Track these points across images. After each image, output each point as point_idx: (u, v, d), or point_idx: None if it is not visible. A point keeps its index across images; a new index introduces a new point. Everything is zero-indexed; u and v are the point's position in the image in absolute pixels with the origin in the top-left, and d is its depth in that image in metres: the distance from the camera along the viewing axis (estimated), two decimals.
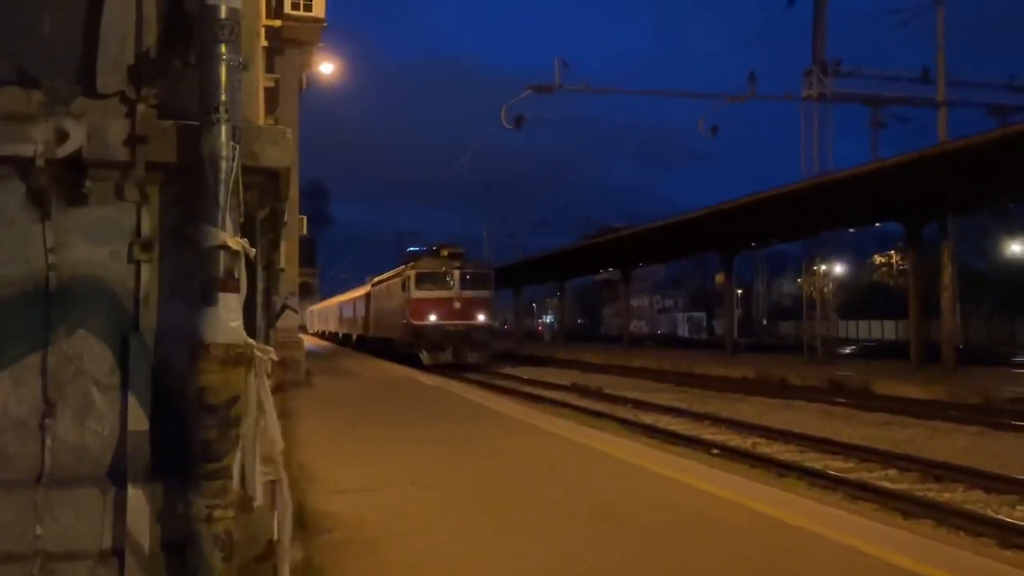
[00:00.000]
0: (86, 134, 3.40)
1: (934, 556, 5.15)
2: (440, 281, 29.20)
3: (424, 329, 28.63)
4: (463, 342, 28.67)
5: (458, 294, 29.05)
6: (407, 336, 29.64)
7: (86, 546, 3.40)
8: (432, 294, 29.01)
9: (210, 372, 3.20)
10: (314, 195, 61.37)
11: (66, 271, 3.52)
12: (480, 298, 29.60)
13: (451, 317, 28.82)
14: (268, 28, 13.46)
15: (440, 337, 28.47)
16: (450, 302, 28.97)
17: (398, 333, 31.16)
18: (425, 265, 29.89)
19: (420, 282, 29.32)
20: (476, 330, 29.15)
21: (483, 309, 29.57)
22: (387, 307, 34.39)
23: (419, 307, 28.97)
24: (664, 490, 7.09)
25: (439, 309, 28.81)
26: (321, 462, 8.30)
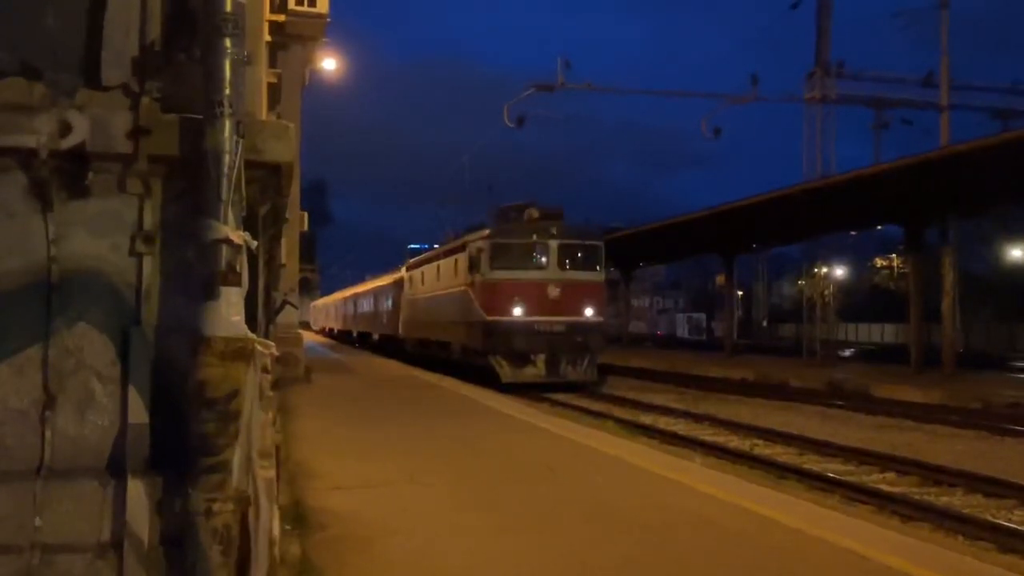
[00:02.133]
0: (89, 126, 3.40)
1: (932, 560, 5.14)
2: (528, 256, 20.00)
3: (503, 328, 19.25)
4: (563, 349, 19.37)
5: (557, 276, 19.65)
6: (474, 339, 20.32)
7: (85, 538, 3.40)
8: (516, 276, 19.67)
9: (210, 366, 3.20)
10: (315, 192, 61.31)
11: (67, 263, 3.51)
12: (588, 283, 20.16)
13: (546, 311, 19.35)
14: (272, 23, 13.46)
15: (529, 341, 19.18)
16: (543, 288, 19.52)
17: (457, 335, 21.98)
18: (506, 232, 20.36)
19: (498, 257, 19.80)
20: (582, 331, 19.62)
21: (592, 299, 20.07)
22: (434, 297, 25.14)
23: (495, 295, 19.61)
24: (663, 490, 7.08)
25: (527, 299, 19.47)
26: (319, 459, 8.30)
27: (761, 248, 38.20)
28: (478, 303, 20.22)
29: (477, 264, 20.35)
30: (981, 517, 7.61)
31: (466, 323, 21.01)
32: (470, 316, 20.69)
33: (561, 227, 20.37)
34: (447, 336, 23.39)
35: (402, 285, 30.97)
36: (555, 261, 19.81)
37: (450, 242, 25.94)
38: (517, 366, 19.23)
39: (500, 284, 19.80)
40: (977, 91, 29.05)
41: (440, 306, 24.21)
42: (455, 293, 22.25)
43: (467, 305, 21.01)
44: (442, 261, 24.79)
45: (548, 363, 19.27)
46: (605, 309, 21.47)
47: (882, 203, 22.82)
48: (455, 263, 22.56)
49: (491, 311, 19.59)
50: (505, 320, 19.38)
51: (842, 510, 6.92)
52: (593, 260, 20.56)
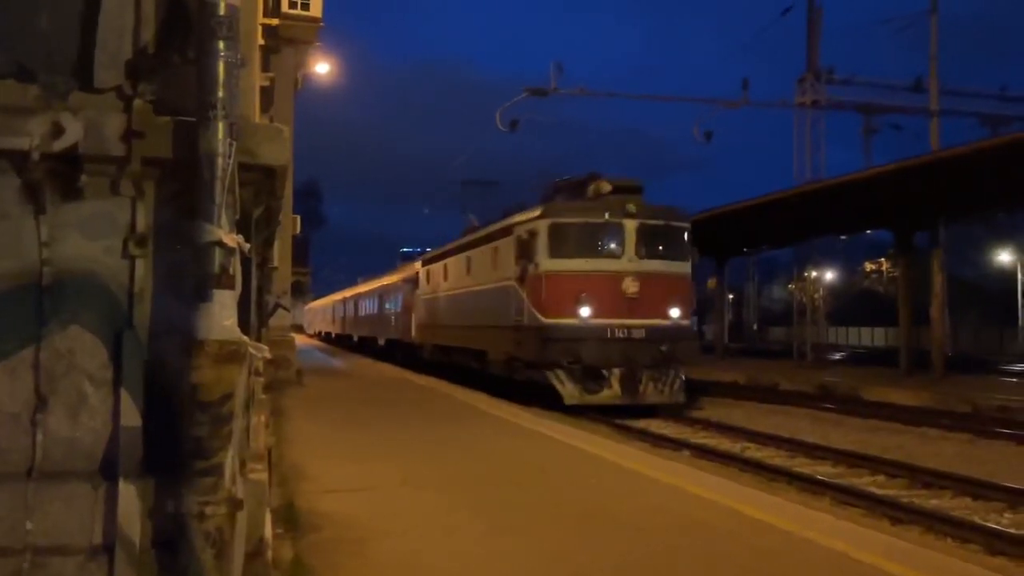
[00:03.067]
0: (82, 129, 3.39)
1: (922, 562, 5.18)
2: (598, 241, 15.53)
3: (566, 335, 14.86)
4: (645, 362, 14.90)
5: (635, 267, 15.20)
6: (524, 347, 15.89)
7: (76, 541, 3.39)
8: (582, 266, 15.23)
9: (203, 369, 3.20)
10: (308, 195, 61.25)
11: (60, 266, 3.51)
12: (673, 276, 15.73)
13: (621, 312, 14.97)
14: (265, 26, 13.45)
15: (601, 351, 14.73)
16: (618, 283, 15.01)
17: (497, 342, 17.50)
18: (569, 210, 15.84)
19: (558, 242, 15.42)
20: (668, 337, 15.19)
21: (678, 297, 15.69)
22: (462, 295, 20.57)
23: (555, 292, 15.20)
24: (654, 493, 7.11)
25: (598, 296, 15.03)
26: (312, 461, 8.29)
27: (752, 252, 38.37)
28: (531, 302, 15.52)
29: (530, 252, 15.68)
30: (970, 520, 7.66)
31: (512, 328, 16.27)
32: (518, 319, 16.09)
33: (641, 204, 15.54)
34: (481, 343, 18.81)
35: (416, 283, 26.61)
36: (633, 247, 15.24)
37: (471, 232, 21.91)
38: (585, 384, 14.64)
39: (561, 278, 15.12)
40: (966, 97, 29.31)
41: (471, 306, 19.71)
42: (495, 290, 17.72)
43: (513, 305, 16.34)
44: (474, 252, 19.86)
45: (625, 380, 14.68)
46: (692, 309, 16.83)
47: (872, 207, 22.96)
48: (494, 253, 17.98)
49: (549, 312, 15.05)
50: (568, 324, 14.77)
51: (833, 512, 6.97)
52: (679, 247, 16.05)
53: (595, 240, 15.59)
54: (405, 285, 28.80)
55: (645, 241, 15.49)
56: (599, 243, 15.61)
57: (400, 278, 30.45)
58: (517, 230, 16.66)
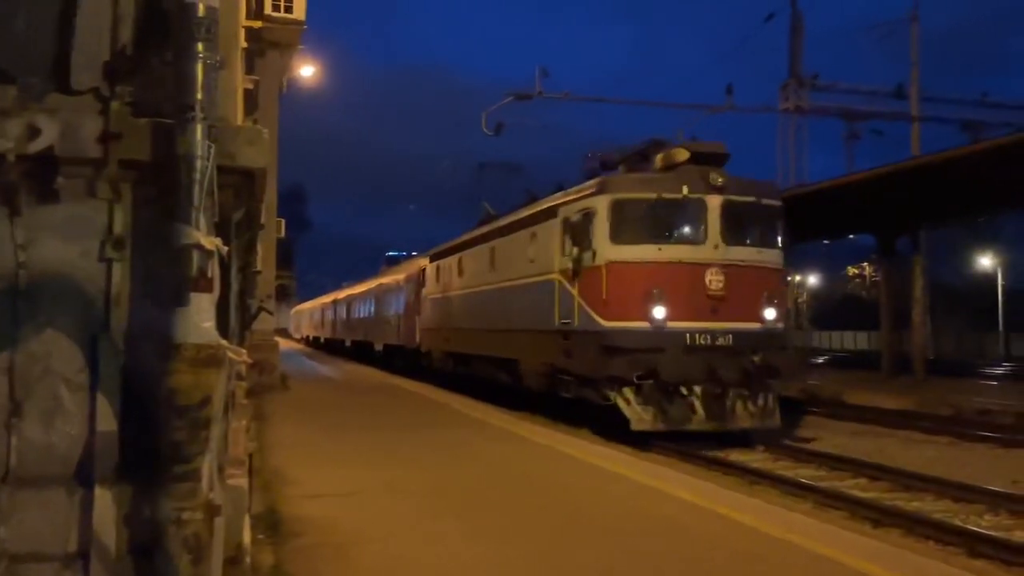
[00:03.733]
0: (59, 131, 3.35)
1: (904, 565, 5.21)
2: (673, 223, 12.44)
3: (635, 342, 11.79)
4: (734, 376, 11.76)
5: (721, 256, 12.16)
6: (577, 358, 12.78)
7: (51, 548, 3.34)
8: (654, 255, 12.10)
9: (181, 373, 3.16)
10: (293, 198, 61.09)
11: (35, 269, 3.46)
12: (765, 268, 12.66)
13: (703, 313, 11.97)
14: (248, 29, 13.39)
15: (679, 363, 11.67)
16: (699, 276, 12.01)
17: (536, 351, 14.34)
18: (636, 183, 12.71)
19: (622, 225, 12.26)
20: (761, 344, 12.21)
21: (772, 294, 12.60)
22: (485, 294, 17.38)
23: (619, 288, 12.06)
24: (639, 497, 7.11)
25: (675, 293, 11.93)
26: (295, 466, 8.24)
27: None
28: (585, 301, 12.34)
29: (584, 237, 12.50)
30: (951, 522, 7.71)
31: (556, 333, 13.24)
32: (565, 322, 12.96)
33: (726, 176, 12.28)
34: (511, 351, 15.58)
35: (420, 281, 23.61)
36: (718, 230, 12.01)
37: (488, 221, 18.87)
38: (658, 404, 11.43)
39: (628, 269, 11.92)
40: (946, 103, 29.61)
41: (497, 307, 16.38)
42: (531, 286, 14.54)
43: (558, 304, 13.18)
44: (500, 241, 16.61)
45: (709, 399, 11.53)
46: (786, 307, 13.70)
47: (854, 212, 23.14)
48: (529, 241, 14.84)
49: (612, 313, 11.86)
50: (638, 329, 11.65)
51: (815, 516, 6.99)
52: (771, 231, 12.91)
53: (671, 221, 12.35)
54: (407, 284, 25.74)
55: (732, 223, 12.24)
56: (676, 225, 12.38)
57: (401, 276, 27.15)
58: (564, 211, 13.34)
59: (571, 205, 13.28)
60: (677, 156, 12.85)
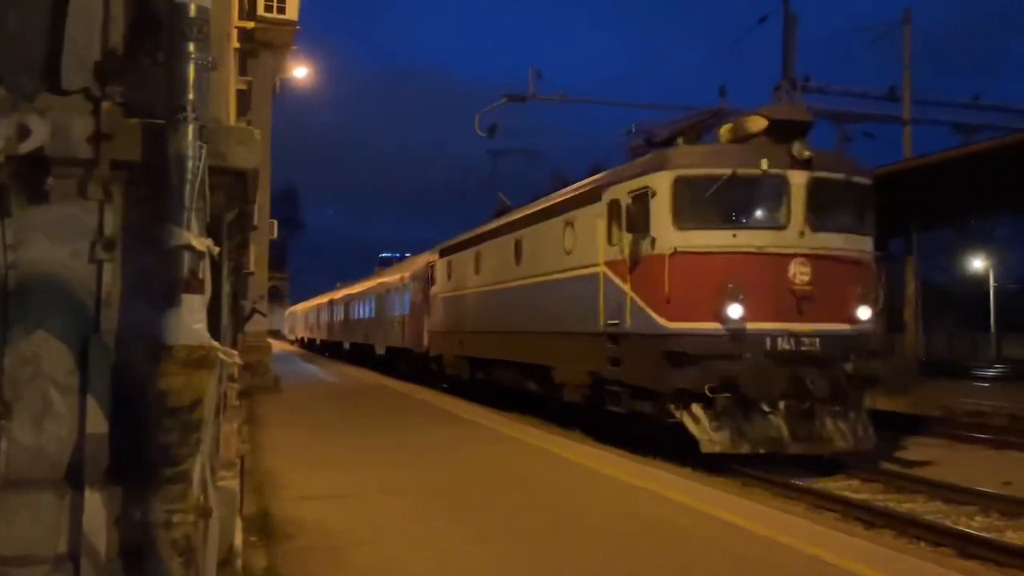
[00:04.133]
0: (49, 131, 3.34)
1: (896, 566, 5.22)
2: (750, 204, 10.64)
3: (706, 348, 9.90)
4: (822, 387, 9.75)
5: (807, 244, 10.26)
6: (633, 366, 10.88)
7: (41, 551, 3.33)
8: (728, 242, 10.24)
9: (172, 374, 3.15)
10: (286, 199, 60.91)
11: (25, 270, 3.44)
12: (855, 258, 10.80)
13: (787, 313, 10.05)
14: (241, 30, 13.37)
15: (763, 374, 9.73)
16: (782, 268, 10.12)
17: (581, 357, 12.25)
18: (704, 157, 10.77)
19: (689, 205, 10.36)
20: (853, 349, 10.32)
21: (863, 288, 10.71)
22: (515, 291, 15.35)
23: (686, 280, 10.13)
24: (632, 498, 7.11)
25: (755, 289, 9.99)
26: (287, 468, 8.22)
27: None
28: (641, 297, 10.48)
29: (640, 222, 10.58)
30: (942, 524, 7.73)
31: (602, 336, 11.33)
32: (613, 322, 11.06)
33: (811, 150, 10.34)
34: (543, 356, 13.76)
35: (428, 279, 22.04)
36: (803, 214, 10.17)
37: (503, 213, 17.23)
38: (734, 421, 9.60)
39: (697, 260, 10.07)
40: (939, 106, 29.68)
41: (525, 306, 14.63)
42: (568, 282, 12.66)
43: (605, 302, 11.33)
44: (528, 231, 14.82)
45: (794, 416, 9.66)
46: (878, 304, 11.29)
47: None
48: (566, 230, 12.97)
49: (676, 313, 10.01)
50: (709, 331, 9.83)
51: (808, 517, 7.00)
52: (862, 215, 11.00)
53: (747, 203, 10.46)
54: (413, 282, 24.10)
55: (819, 205, 10.32)
56: (753, 207, 10.50)
57: (406, 274, 25.42)
58: (612, 193, 11.39)
59: (621, 186, 11.24)
60: (751, 125, 10.76)
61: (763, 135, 10.61)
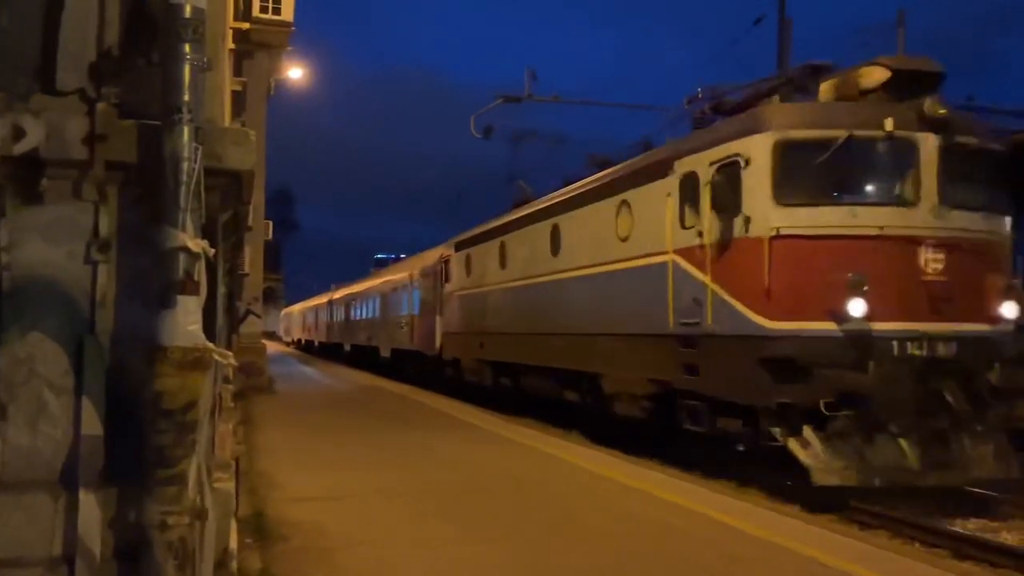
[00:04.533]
0: (44, 132, 3.33)
1: (891, 567, 5.24)
2: (867, 173, 8.51)
3: (818, 354, 7.86)
4: (962, 401, 7.80)
5: (941, 226, 8.17)
6: (719, 375, 8.84)
7: (35, 552, 3.31)
8: (846, 222, 8.16)
9: (167, 376, 3.14)
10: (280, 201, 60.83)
11: (20, 271, 3.43)
12: (995, 241, 8.68)
13: (917, 310, 8.03)
14: (236, 31, 13.37)
15: (891, 386, 7.66)
16: (909, 255, 8.06)
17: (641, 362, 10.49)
18: (816, 115, 8.67)
19: (794, 175, 8.33)
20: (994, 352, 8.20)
21: (1004, 279, 8.59)
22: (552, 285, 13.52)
23: (791, 270, 8.16)
24: (627, 500, 7.11)
25: (879, 280, 7.90)
26: (282, 470, 8.21)
27: None
28: (729, 291, 8.71)
29: (727, 198, 8.79)
30: (937, 525, 7.74)
31: (673, 337, 9.55)
32: (689, 321, 9.28)
33: (947, 107, 8.47)
34: (593, 362, 11.80)
35: (440, 275, 20.41)
36: (934, 187, 8.33)
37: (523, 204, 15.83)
38: (854, 446, 7.80)
39: (806, 245, 8.28)
40: None
41: (567, 304, 12.77)
42: (626, 274, 10.81)
43: (675, 296, 9.56)
44: (566, 217, 13.01)
45: (925, 437, 7.85)
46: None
47: None
48: (619, 211, 11.09)
49: (779, 309, 8.23)
50: (823, 333, 8.03)
51: (803, 519, 7.01)
52: (998, 189, 9.01)
53: (866, 173, 8.56)
54: (423, 279, 22.25)
55: (954, 176, 8.41)
56: (874, 179, 8.58)
57: (415, 270, 23.49)
58: (687, 164, 9.50)
59: (700, 155, 9.31)
60: (867, 78, 8.67)
61: (882, 90, 8.61)
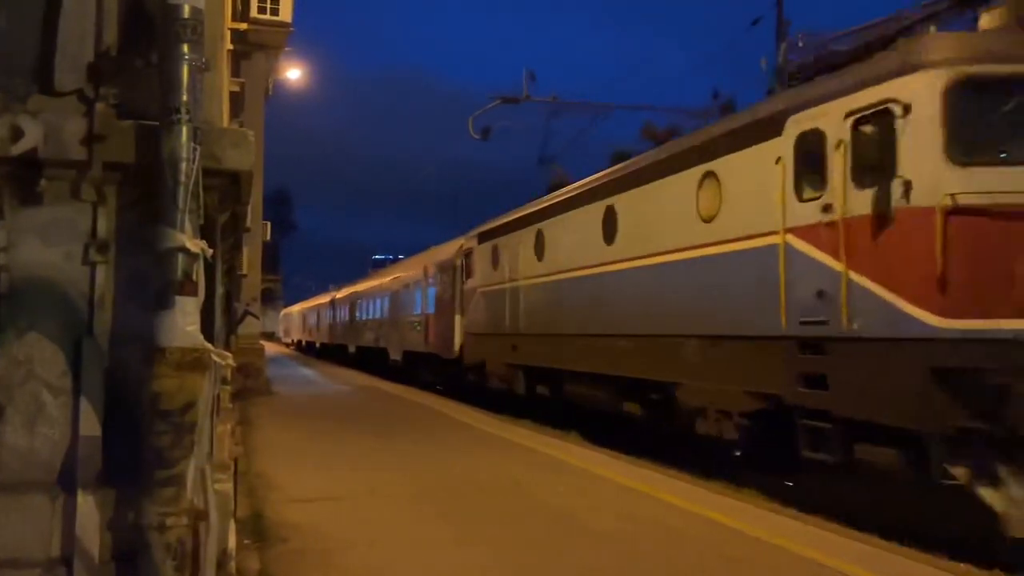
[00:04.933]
0: (42, 132, 3.33)
1: (889, 567, 5.24)
2: None
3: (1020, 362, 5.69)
4: None
5: None
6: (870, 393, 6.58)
7: (33, 554, 3.31)
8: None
9: (165, 377, 3.14)
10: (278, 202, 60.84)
11: (18, 272, 3.43)
12: None
13: None
14: (234, 31, 13.35)
15: None
16: None
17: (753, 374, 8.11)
18: (1000, 47, 6.34)
19: (975, 124, 6.32)
20: None
21: None
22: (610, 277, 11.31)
23: (982, 254, 6.08)
24: (625, 500, 7.11)
25: None
26: (280, 471, 8.20)
27: None
28: (880, 281, 6.71)
29: (877, 157, 6.82)
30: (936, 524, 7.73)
31: (791, 341, 7.64)
32: (814, 320, 7.36)
33: None
34: (666, 370, 9.89)
35: (465, 269, 18.42)
36: None
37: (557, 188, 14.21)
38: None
39: (996, 219, 6.19)
40: None
41: (626, 300, 10.86)
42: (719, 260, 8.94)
43: (787, 287, 7.74)
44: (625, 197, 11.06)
45: None
46: None
47: None
48: (703, 186, 9.32)
49: (957, 304, 6.21)
50: (1014, 332, 5.99)
51: (801, 519, 7.01)
52: None
53: None
54: (440, 275, 20.24)
55: None
56: None
57: (430, 265, 21.42)
58: (806, 119, 7.63)
59: (824, 108, 7.42)
60: None
61: None
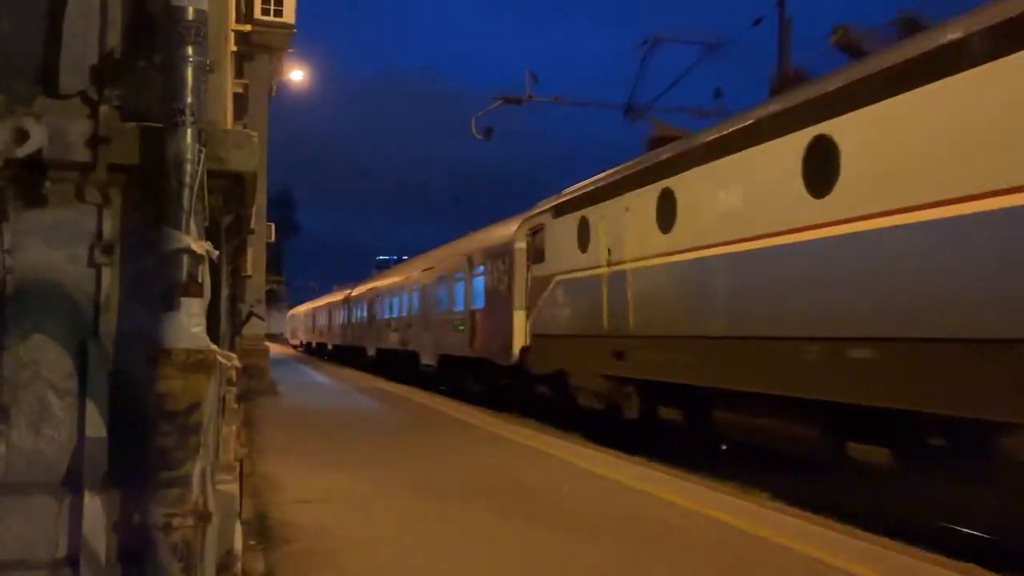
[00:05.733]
0: (46, 134, 3.34)
1: (894, 566, 5.23)
2: None
3: None
4: None
5: None
6: None
7: (39, 555, 3.32)
8: None
9: (170, 378, 3.15)
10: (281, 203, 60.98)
11: (23, 274, 3.44)
12: None
13: None
14: (237, 33, 13.37)
15: None
16: None
17: None
18: None
19: None
20: None
21: None
22: (826, 246, 7.01)
23: None
24: (629, 500, 7.11)
25: None
26: (284, 472, 8.20)
27: None
28: None
29: None
30: (938, 523, 7.72)
31: None
32: None
33: None
34: (910, 397, 6.36)
35: (528, 253, 14.72)
36: None
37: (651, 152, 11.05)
38: None
39: None
40: None
41: (835, 287, 7.10)
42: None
43: None
44: (839, 123, 7.20)
45: None
46: None
47: None
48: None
49: None
50: None
51: (805, 518, 7.00)
52: None
53: None
54: (491, 262, 16.35)
55: None
56: None
57: (476, 252, 17.54)
58: None
59: None
60: None
61: None
